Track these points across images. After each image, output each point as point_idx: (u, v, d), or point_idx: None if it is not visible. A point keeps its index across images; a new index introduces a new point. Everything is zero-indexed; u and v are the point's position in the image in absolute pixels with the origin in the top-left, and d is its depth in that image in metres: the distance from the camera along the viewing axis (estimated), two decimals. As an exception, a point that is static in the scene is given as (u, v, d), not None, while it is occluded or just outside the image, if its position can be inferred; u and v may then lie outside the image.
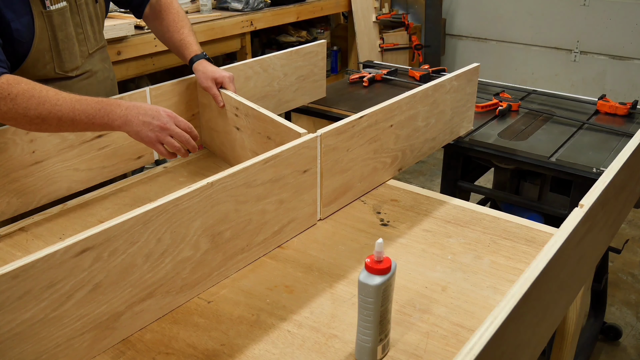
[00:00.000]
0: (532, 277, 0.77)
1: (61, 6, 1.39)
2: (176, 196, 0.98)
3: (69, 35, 1.43)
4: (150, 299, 1.00)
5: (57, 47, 1.41)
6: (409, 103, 1.46)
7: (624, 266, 2.78)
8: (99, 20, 1.54)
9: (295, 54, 1.88)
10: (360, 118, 1.33)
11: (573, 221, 0.91)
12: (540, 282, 0.79)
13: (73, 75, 1.48)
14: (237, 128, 1.50)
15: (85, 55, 1.50)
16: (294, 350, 0.95)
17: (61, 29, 1.40)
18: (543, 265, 0.80)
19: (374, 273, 0.87)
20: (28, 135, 1.32)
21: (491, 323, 0.69)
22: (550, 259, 0.81)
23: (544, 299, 0.87)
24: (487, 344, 0.66)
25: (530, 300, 0.78)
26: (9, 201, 1.33)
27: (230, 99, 1.49)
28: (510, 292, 0.74)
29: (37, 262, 0.82)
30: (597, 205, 0.99)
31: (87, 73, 1.52)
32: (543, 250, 0.83)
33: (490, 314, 0.71)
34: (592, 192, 0.99)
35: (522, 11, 4.19)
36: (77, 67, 1.48)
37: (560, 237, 0.86)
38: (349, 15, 3.98)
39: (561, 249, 0.85)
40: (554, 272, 0.86)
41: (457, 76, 1.62)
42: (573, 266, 1.00)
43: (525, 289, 0.75)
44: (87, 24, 1.48)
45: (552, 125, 1.95)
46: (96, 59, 1.56)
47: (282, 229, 1.23)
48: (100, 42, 1.58)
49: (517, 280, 0.76)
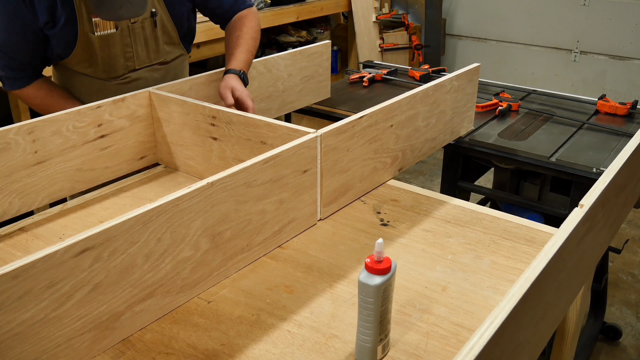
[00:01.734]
0: (532, 277, 0.77)
1: (108, 33, 1.50)
2: (176, 196, 0.98)
3: (112, 55, 1.55)
4: (150, 299, 1.00)
5: (95, 61, 1.53)
6: (409, 103, 1.46)
7: (624, 266, 2.78)
8: (157, 41, 1.63)
9: (300, 54, 1.88)
10: (361, 118, 1.33)
11: (573, 221, 0.91)
12: (540, 282, 0.79)
13: (113, 80, 1.60)
14: (213, 138, 1.46)
15: (130, 69, 1.61)
16: (294, 350, 0.96)
17: (103, 49, 1.53)
18: (543, 265, 0.80)
19: (374, 273, 0.87)
20: (30, 135, 1.32)
21: (491, 323, 0.69)
22: (550, 259, 0.81)
23: (544, 299, 0.87)
24: (487, 344, 0.66)
25: (530, 300, 0.78)
26: (11, 201, 1.33)
27: (204, 109, 1.45)
28: (510, 292, 0.74)
29: (37, 262, 0.82)
30: (597, 205, 0.99)
31: (128, 78, 1.62)
32: (543, 250, 0.84)
33: (490, 314, 0.71)
34: (592, 192, 0.99)
35: (522, 11, 4.19)
36: (118, 76, 1.59)
37: (560, 237, 0.86)
38: (349, 15, 3.98)
39: (561, 249, 0.85)
40: (554, 272, 0.86)
41: (457, 76, 1.62)
42: (573, 266, 1.00)
43: (525, 289, 0.75)
44: (138, 45, 1.58)
45: (552, 125, 1.95)
46: (144, 70, 1.65)
47: (282, 229, 1.23)
48: (157, 59, 1.66)
49: (517, 280, 0.77)
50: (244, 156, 1.39)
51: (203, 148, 1.49)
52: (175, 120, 1.52)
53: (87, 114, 1.42)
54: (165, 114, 1.54)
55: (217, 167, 1.47)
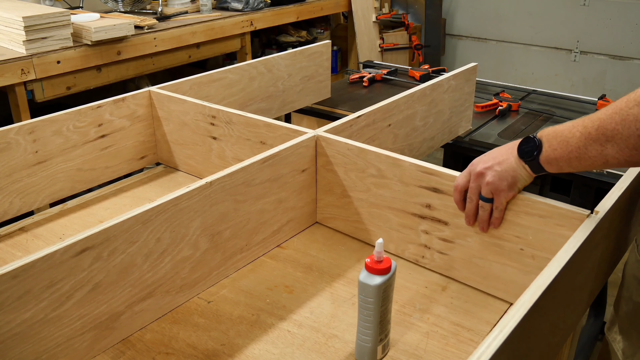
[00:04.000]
0: (543, 285, 0.75)
1: None
2: (175, 196, 0.99)
3: None
4: (149, 299, 1.00)
5: None
6: (407, 102, 1.46)
7: (624, 266, 2.77)
8: None
9: (300, 54, 1.88)
10: (358, 117, 1.33)
11: (588, 227, 0.88)
12: (552, 290, 0.77)
13: None
14: (213, 138, 1.46)
15: None
16: (294, 350, 0.96)
17: None
18: (556, 272, 0.77)
19: (374, 273, 0.87)
20: (31, 135, 1.32)
21: (500, 332, 0.68)
22: (563, 266, 0.79)
23: (556, 308, 0.85)
24: (495, 354, 0.65)
25: (541, 309, 0.76)
26: (12, 201, 1.33)
27: (204, 108, 1.44)
28: (520, 301, 0.72)
29: (37, 262, 0.82)
30: (612, 211, 0.96)
31: None
32: (556, 256, 0.81)
33: (499, 323, 0.69)
34: (608, 198, 0.97)
35: (522, 11, 4.19)
36: None
37: (574, 245, 0.84)
38: (349, 15, 3.98)
39: (574, 256, 0.83)
40: (567, 280, 0.84)
41: (454, 75, 1.62)
42: (587, 274, 0.97)
43: (537, 297, 0.73)
44: None
45: (552, 125, 1.95)
46: None
47: (280, 228, 1.23)
48: None
49: (529, 287, 0.74)
50: (244, 156, 1.39)
51: (203, 147, 1.49)
52: (175, 120, 1.52)
53: (88, 114, 1.42)
54: (165, 113, 1.54)
55: (216, 166, 1.47)
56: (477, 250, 1.07)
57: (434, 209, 1.10)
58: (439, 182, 1.08)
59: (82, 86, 2.37)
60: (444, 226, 1.10)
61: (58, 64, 2.23)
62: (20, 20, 2.10)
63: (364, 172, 1.18)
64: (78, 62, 2.29)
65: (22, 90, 2.15)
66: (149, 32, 2.55)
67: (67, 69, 2.26)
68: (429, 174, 1.09)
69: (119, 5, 2.87)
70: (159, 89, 1.54)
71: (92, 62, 2.34)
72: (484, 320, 1.01)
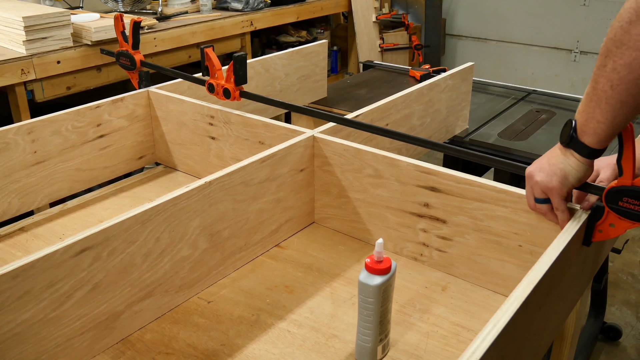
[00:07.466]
0: (534, 280, 0.76)
1: None
2: (174, 195, 0.99)
3: None
4: (149, 299, 1.00)
5: None
6: (404, 102, 1.46)
7: (624, 266, 2.78)
8: None
9: (297, 54, 1.88)
10: (356, 117, 1.33)
11: (576, 223, 0.90)
12: (543, 285, 0.78)
13: None
14: (211, 137, 1.46)
15: None
16: (294, 350, 0.95)
17: None
18: (546, 268, 0.79)
19: (374, 273, 0.87)
20: (30, 135, 1.32)
21: (494, 326, 0.68)
22: (553, 261, 0.80)
23: (547, 303, 0.86)
24: (489, 347, 0.65)
25: (533, 303, 0.77)
26: (11, 201, 1.33)
27: (203, 108, 1.44)
28: (513, 295, 0.73)
29: (37, 262, 0.82)
30: None
31: None
32: (546, 252, 0.83)
33: (492, 317, 0.70)
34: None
35: (522, 11, 4.18)
36: None
37: (563, 240, 0.85)
38: (349, 15, 3.98)
39: (564, 251, 0.84)
40: (557, 275, 0.85)
41: (451, 75, 1.62)
42: (577, 269, 0.99)
43: (528, 292, 0.74)
44: None
45: (552, 125, 1.95)
46: None
47: (279, 227, 1.23)
48: None
49: (520, 283, 0.76)
50: (242, 156, 1.39)
51: (201, 147, 1.49)
52: (173, 120, 1.52)
53: (87, 114, 1.42)
54: (163, 113, 1.54)
55: (215, 166, 1.47)
56: (475, 247, 1.08)
57: (432, 208, 1.11)
58: (436, 181, 1.08)
59: (82, 86, 2.36)
60: (442, 224, 1.10)
61: (58, 64, 2.22)
62: (20, 20, 2.09)
63: (360, 172, 1.18)
64: (78, 62, 2.29)
65: (22, 90, 2.15)
66: (149, 32, 2.55)
67: (67, 69, 2.26)
68: (427, 173, 1.09)
69: (119, 5, 2.87)
70: (157, 89, 1.54)
71: (92, 62, 2.34)
72: (484, 321, 1.01)
